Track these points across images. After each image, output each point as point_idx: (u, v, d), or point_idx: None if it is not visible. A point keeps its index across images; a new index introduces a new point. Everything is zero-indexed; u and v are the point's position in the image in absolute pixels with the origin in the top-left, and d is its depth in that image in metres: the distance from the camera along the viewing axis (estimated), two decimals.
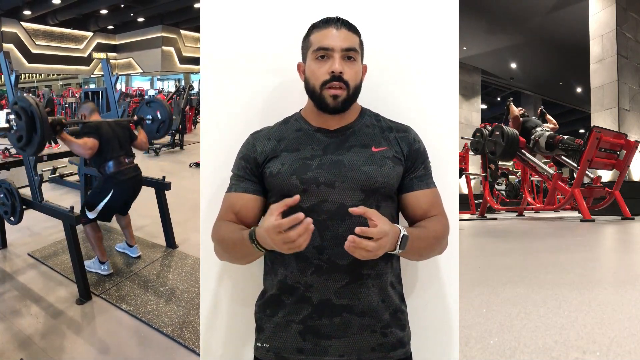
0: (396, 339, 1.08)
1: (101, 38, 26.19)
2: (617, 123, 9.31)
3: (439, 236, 1.11)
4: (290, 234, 0.90)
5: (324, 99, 1.09)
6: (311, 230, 0.91)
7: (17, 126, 2.76)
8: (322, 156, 1.09)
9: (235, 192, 1.13)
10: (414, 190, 1.12)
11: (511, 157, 7.87)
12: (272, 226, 0.91)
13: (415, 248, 1.03)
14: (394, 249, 0.99)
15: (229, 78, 1.36)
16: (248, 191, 1.12)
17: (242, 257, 1.10)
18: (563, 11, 12.06)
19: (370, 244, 0.91)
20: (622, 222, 6.58)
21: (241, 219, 1.12)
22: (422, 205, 1.12)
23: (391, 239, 0.96)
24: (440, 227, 1.11)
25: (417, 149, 1.14)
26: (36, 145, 2.76)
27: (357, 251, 0.92)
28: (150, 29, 24.89)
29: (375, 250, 0.93)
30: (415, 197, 1.12)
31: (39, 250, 3.94)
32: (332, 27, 1.10)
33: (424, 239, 1.07)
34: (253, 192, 1.12)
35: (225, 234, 1.09)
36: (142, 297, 3.14)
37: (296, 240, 0.91)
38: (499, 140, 7.52)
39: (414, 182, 1.12)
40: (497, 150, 7.58)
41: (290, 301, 1.06)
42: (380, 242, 0.92)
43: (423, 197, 1.12)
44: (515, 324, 2.13)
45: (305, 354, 1.04)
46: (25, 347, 2.55)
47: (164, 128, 4.08)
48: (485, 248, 4.75)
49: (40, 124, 2.70)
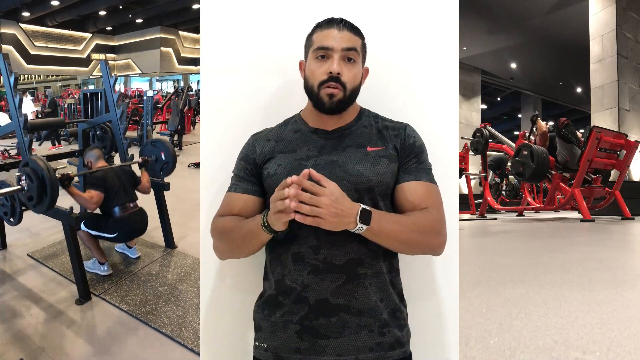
0: (394, 338, 1.07)
1: (100, 39, 26.21)
2: (617, 123, 9.31)
3: (421, 225, 1.05)
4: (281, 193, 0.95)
5: (320, 98, 1.09)
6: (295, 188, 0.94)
7: (28, 187, 2.90)
8: (318, 157, 1.10)
9: (235, 192, 1.14)
10: (400, 182, 1.10)
11: (540, 179, 7.18)
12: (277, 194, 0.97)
13: (386, 231, 1.01)
14: (354, 223, 0.98)
15: (229, 79, 1.36)
16: (248, 192, 1.13)
17: (242, 245, 1.09)
18: (563, 11, 12.07)
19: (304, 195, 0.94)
20: (622, 222, 6.58)
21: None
22: (409, 197, 1.08)
23: (346, 208, 0.97)
24: (426, 218, 1.06)
25: (411, 144, 1.13)
26: (46, 205, 2.89)
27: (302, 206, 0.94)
28: (148, 30, 24.92)
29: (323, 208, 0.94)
30: (402, 189, 1.10)
31: (38, 250, 3.94)
32: (334, 28, 1.10)
33: (399, 222, 1.03)
34: (252, 193, 1.13)
35: (227, 224, 1.11)
36: (141, 297, 3.14)
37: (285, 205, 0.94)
38: (527, 161, 6.75)
39: (401, 175, 1.11)
40: (526, 171, 6.82)
41: (287, 301, 1.06)
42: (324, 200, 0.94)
43: (410, 189, 1.09)
44: (515, 324, 2.13)
45: (303, 353, 1.04)
46: (25, 347, 2.55)
47: (167, 169, 4.11)
48: (485, 248, 4.74)
49: (50, 187, 2.83)
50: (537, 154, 6.69)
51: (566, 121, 6.97)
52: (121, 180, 3.57)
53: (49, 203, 2.87)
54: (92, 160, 3.66)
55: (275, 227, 1.00)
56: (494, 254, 4.22)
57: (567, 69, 15.73)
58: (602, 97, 9.80)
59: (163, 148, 4.10)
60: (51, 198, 2.85)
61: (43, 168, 2.84)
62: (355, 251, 1.04)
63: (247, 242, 1.07)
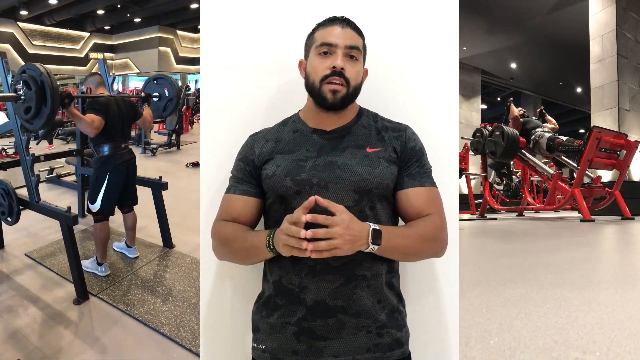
0: (393, 339, 1.06)
1: (98, 38, 26.16)
2: (617, 123, 9.31)
3: (427, 235, 1.06)
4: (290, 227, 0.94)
5: (322, 94, 1.08)
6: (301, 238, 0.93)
7: (26, 96, 2.61)
8: (317, 157, 1.08)
9: (234, 193, 1.13)
10: (404, 188, 1.10)
11: (511, 157, 7.91)
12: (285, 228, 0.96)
13: (395, 246, 1.02)
14: (367, 245, 0.97)
15: (229, 79, 1.35)
16: (247, 193, 1.12)
17: (245, 258, 1.10)
18: (563, 11, 12.07)
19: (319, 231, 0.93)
20: (622, 222, 6.57)
21: (240, 220, 1.12)
22: (414, 203, 1.09)
23: (357, 231, 0.96)
24: (430, 226, 1.07)
25: (412, 147, 1.13)
26: (45, 117, 2.62)
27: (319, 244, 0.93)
28: (146, 30, 24.89)
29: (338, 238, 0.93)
30: (406, 195, 1.09)
31: (36, 250, 3.92)
32: (337, 25, 1.09)
33: (406, 236, 1.04)
34: (252, 195, 1.12)
35: (230, 234, 1.09)
36: (139, 296, 3.13)
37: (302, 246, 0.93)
38: (499, 140, 7.56)
39: (405, 180, 1.10)
40: (497, 150, 7.62)
41: (285, 302, 1.06)
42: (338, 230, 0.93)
43: (415, 196, 1.09)
44: (515, 324, 2.12)
45: (300, 355, 1.03)
46: (22, 347, 2.54)
47: (171, 106, 3.94)
48: (485, 248, 4.74)
49: (51, 94, 2.56)
50: (507, 134, 7.47)
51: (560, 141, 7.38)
52: (122, 113, 3.39)
53: (48, 114, 2.59)
54: (92, 87, 3.46)
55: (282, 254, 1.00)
56: (494, 254, 4.21)
57: (567, 69, 15.74)
58: (602, 97, 9.80)
59: (166, 84, 3.95)
60: (51, 109, 2.57)
61: (43, 73, 2.57)
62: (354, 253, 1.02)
63: (250, 256, 1.08)
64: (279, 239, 0.98)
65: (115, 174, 3.40)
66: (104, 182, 3.33)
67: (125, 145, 3.52)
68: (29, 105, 2.65)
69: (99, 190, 3.33)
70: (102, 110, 3.21)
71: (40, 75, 2.59)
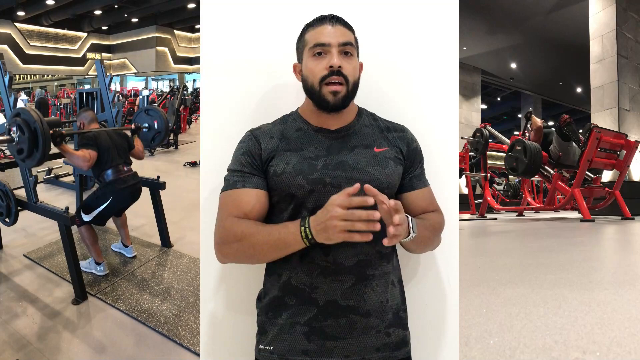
0: (399, 338, 1.07)
1: (95, 38, 26.15)
2: (617, 123, 9.31)
3: (437, 228, 1.14)
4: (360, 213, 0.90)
5: (323, 96, 1.07)
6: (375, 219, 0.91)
7: (19, 139, 2.72)
8: (327, 156, 1.08)
9: (244, 187, 1.06)
10: (415, 189, 1.14)
11: (533, 174, 7.21)
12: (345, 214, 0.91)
13: (421, 236, 1.05)
14: (408, 233, 0.99)
15: (229, 78, 1.35)
16: (259, 186, 1.07)
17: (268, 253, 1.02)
18: (563, 11, 12.08)
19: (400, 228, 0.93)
20: (622, 222, 6.57)
21: (252, 216, 1.05)
22: (421, 203, 1.14)
23: (405, 221, 0.98)
24: (438, 220, 1.15)
25: (415, 148, 1.16)
26: (36, 160, 2.74)
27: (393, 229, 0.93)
28: (144, 30, 24.89)
29: (401, 233, 0.95)
30: (415, 196, 1.14)
31: (34, 251, 3.92)
32: (327, 24, 1.08)
33: (426, 228, 1.09)
34: (264, 188, 1.08)
35: (248, 228, 1.02)
36: (138, 296, 3.12)
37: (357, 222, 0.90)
38: (520, 156, 6.82)
39: (414, 182, 1.15)
40: (519, 166, 6.90)
41: (294, 303, 1.05)
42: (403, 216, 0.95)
43: (422, 196, 1.15)
44: (515, 324, 2.11)
45: (311, 355, 1.02)
46: (21, 347, 2.54)
47: (159, 138, 4.07)
48: (485, 248, 4.73)
49: (43, 141, 2.67)
50: (530, 150, 6.77)
51: (568, 119, 6.94)
52: (114, 141, 3.45)
53: (39, 157, 2.70)
54: (84, 122, 3.54)
55: (326, 242, 0.95)
56: (494, 254, 4.20)
57: (567, 69, 15.75)
58: (602, 97, 9.80)
59: (156, 117, 4.03)
60: (42, 152, 2.67)
61: (36, 120, 2.65)
62: (365, 252, 1.04)
63: (276, 250, 1.00)
64: (328, 225, 0.92)
65: (118, 199, 3.43)
66: (105, 204, 3.35)
67: (128, 168, 3.54)
68: (22, 147, 2.75)
69: (96, 208, 3.35)
70: (92, 142, 3.27)
71: (34, 123, 2.68)
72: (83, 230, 3.39)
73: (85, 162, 3.18)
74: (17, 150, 2.77)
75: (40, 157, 2.71)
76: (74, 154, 3.15)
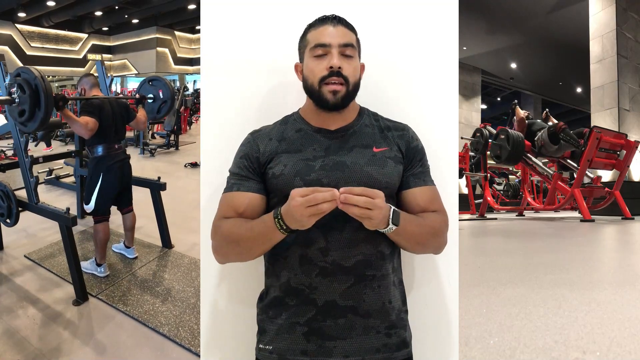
0: (400, 339, 1.07)
1: (96, 39, 26.11)
2: (617, 123, 9.31)
3: (436, 228, 1.09)
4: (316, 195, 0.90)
5: (322, 95, 1.07)
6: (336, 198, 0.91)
7: (20, 99, 2.61)
8: (325, 157, 1.07)
9: (239, 191, 1.09)
10: (411, 187, 1.11)
11: (516, 161, 7.74)
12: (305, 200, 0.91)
13: (410, 232, 1.03)
14: (387, 224, 0.97)
15: (229, 79, 1.35)
16: (253, 190, 1.09)
17: (253, 247, 1.04)
18: (563, 11, 12.08)
19: (360, 199, 0.91)
20: (622, 222, 6.57)
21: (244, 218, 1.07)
22: (419, 202, 1.11)
23: (382, 207, 0.94)
24: (438, 220, 1.10)
25: (415, 147, 1.14)
26: (39, 121, 2.62)
27: (349, 208, 0.91)
28: (144, 30, 24.86)
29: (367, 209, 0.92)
30: (412, 194, 1.11)
31: (35, 252, 3.92)
32: (328, 25, 1.09)
33: (419, 225, 1.06)
34: (258, 191, 1.09)
35: (232, 226, 1.05)
36: (139, 297, 3.12)
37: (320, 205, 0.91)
38: (504, 143, 7.36)
39: (411, 180, 1.12)
40: (503, 154, 7.43)
41: (294, 303, 1.05)
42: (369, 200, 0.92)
43: (420, 194, 1.11)
44: (515, 324, 2.12)
45: (310, 355, 1.03)
46: (22, 348, 2.54)
47: (165, 108, 3.93)
48: (485, 248, 4.73)
49: (45, 98, 2.56)
50: (513, 138, 7.27)
51: (563, 126, 7.17)
52: (115, 115, 3.40)
53: (42, 118, 2.60)
54: (85, 88, 3.45)
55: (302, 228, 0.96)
56: (494, 254, 4.20)
57: (567, 69, 15.74)
58: (602, 97, 9.80)
59: (161, 86, 3.93)
60: (45, 112, 2.57)
61: (37, 77, 2.56)
62: (364, 253, 1.03)
63: (259, 244, 1.02)
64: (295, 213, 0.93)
65: (109, 174, 3.38)
66: (98, 183, 3.32)
67: (119, 145, 3.51)
68: (23, 108, 2.65)
69: (93, 191, 3.33)
70: (96, 112, 3.21)
71: (35, 79, 2.59)
72: (100, 228, 3.36)
73: (88, 130, 3.10)
74: (19, 113, 2.67)
75: (43, 116, 2.59)
76: (77, 121, 3.06)
